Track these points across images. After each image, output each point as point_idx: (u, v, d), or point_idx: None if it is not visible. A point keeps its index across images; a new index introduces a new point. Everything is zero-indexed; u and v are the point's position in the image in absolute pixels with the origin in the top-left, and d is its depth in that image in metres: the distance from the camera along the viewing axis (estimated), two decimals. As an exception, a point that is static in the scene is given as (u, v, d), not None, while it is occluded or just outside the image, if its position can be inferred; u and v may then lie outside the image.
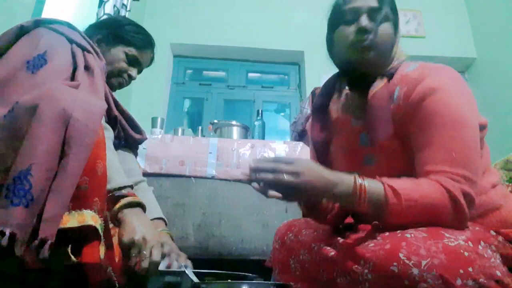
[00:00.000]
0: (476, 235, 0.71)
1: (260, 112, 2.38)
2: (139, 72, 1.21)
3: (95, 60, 0.94)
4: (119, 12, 2.23)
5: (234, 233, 1.66)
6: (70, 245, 0.65)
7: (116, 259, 0.82)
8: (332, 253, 0.81)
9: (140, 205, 0.84)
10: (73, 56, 0.89)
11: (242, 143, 1.87)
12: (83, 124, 0.68)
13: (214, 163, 1.79)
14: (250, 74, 3.56)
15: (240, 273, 0.93)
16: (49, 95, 0.68)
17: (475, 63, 3.40)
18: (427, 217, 0.71)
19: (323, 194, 0.74)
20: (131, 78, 1.17)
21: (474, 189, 0.73)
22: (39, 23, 0.92)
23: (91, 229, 0.68)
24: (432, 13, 3.50)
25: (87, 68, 0.90)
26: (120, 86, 1.19)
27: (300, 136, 2.20)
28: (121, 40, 1.13)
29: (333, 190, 0.72)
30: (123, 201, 0.81)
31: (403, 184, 0.72)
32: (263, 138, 2.27)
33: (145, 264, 0.75)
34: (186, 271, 0.88)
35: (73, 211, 0.66)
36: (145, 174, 1.72)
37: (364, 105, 0.86)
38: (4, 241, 0.59)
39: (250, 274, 0.95)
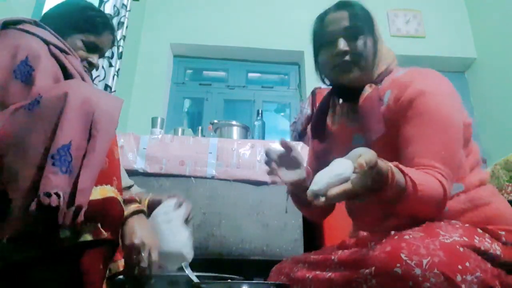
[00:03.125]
0: (468, 230, 0.76)
1: (260, 112, 2.38)
2: (101, 56, 1.17)
3: (75, 61, 0.95)
4: (119, 12, 2.23)
5: (234, 233, 1.66)
6: (99, 222, 0.73)
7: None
8: (329, 274, 0.82)
9: (142, 212, 0.90)
10: (56, 59, 0.90)
11: (242, 143, 1.87)
12: (107, 111, 0.77)
13: (214, 163, 1.79)
14: (250, 74, 3.56)
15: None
16: (75, 87, 0.76)
17: (475, 63, 3.40)
18: (425, 208, 0.78)
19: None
20: (92, 65, 1.12)
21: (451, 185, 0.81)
22: (5, 25, 0.91)
23: (114, 203, 0.76)
24: (432, 13, 3.50)
25: (79, 73, 0.93)
26: None
27: (300, 136, 2.20)
28: (77, 28, 1.07)
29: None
30: (130, 210, 0.86)
31: (418, 177, 0.73)
32: (263, 138, 2.27)
33: (144, 264, 0.80)
34: (186, 272, 0.88)
35: (95, 187, 0.74)
36: (145, 174, 1.73)
37: (356, 109, 0.93)
38: (62, 202, 0.67)
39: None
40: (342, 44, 0.91)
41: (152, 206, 1.00)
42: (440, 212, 0.81)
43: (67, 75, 0.90)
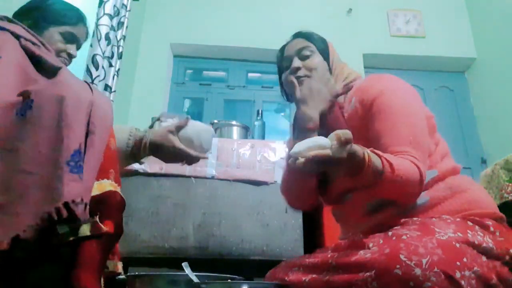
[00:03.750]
0: (460, 224, 0.78)
1: (260, 112, 2.38)
2: (78, 48, 1.19)
3: (48, 53, 0.96)
4: (119, 12, 2.23)
5: (234, 233, 1.66)
6: (97, 216, 0.73)
7: None
8: (327, 277, 0.82)
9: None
10: (26, 51, 0.90)
11: (242, 143, 1.87)
12: (103, 108, 0.80)
13: (214, 163, 1.79)
14: (250, 74, 3.56)
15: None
16: (69, 88, 0.77)
17: (475, 63, 3.40)
18: (404, 189, 0.84)
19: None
20: (71, 56, 1.15)
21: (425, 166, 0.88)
22: None
23: (113, 196, 0.78)
24: (432, 13, 3.50)
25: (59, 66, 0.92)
26: None
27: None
28: (52, 21, 1.11)
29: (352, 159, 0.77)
30: (145, 148, 1.03)
31: (393, 160, 0.82)
32: (263, 138, 2.26)
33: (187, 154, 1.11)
34: (186, 272, 0.88)
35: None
36: (145, 174, 1.73)
37: (323, 125, 1.03)
38: (87, 214, 0.69)
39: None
40: (296, 63, 1.06)
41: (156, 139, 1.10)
42: (419, 194, 0.87)
43: (40, 64, 0.90)
